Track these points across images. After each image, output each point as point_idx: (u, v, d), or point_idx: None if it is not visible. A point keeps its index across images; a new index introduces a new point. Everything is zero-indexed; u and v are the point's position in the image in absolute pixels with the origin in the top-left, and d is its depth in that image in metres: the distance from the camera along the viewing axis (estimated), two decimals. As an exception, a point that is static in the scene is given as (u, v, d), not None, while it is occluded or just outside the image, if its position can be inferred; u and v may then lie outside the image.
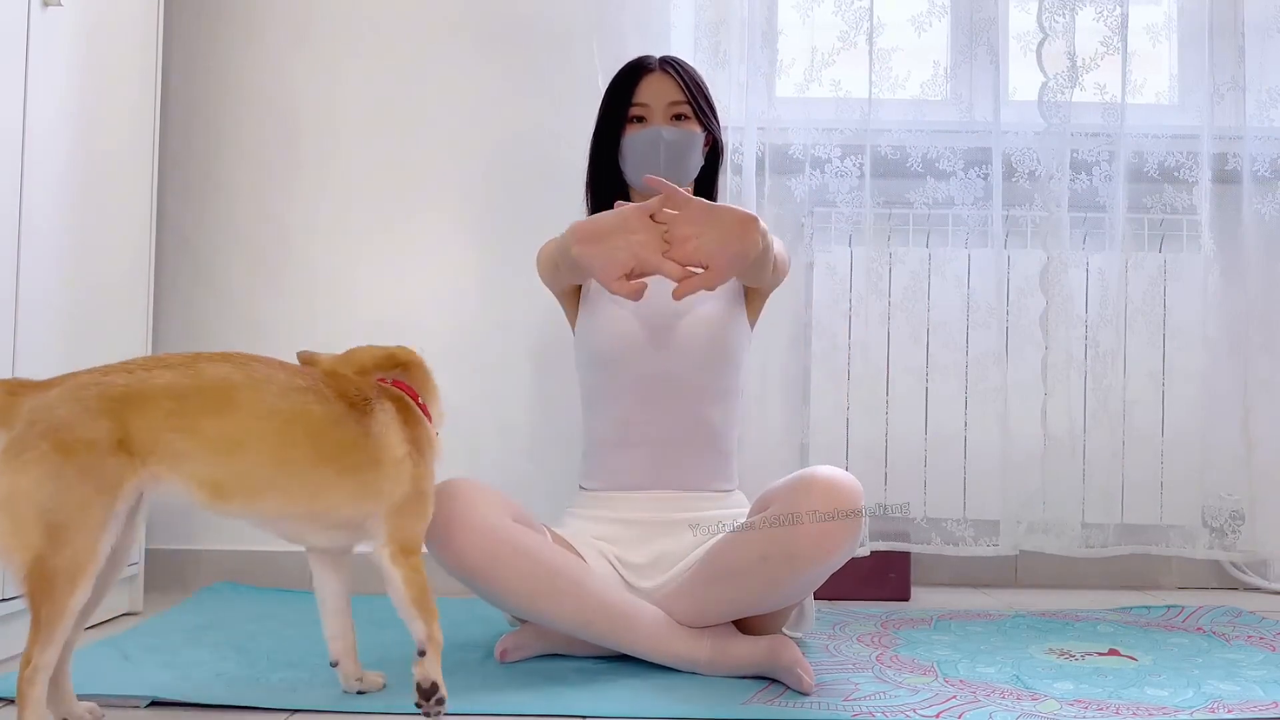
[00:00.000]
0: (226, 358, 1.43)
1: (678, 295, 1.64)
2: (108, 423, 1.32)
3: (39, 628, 1.29)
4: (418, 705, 1.50)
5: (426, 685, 1.50)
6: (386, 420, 1.50)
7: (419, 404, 1.58)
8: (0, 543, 1.28)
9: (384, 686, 1.66)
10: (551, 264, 1.95)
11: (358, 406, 1.47)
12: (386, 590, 1.51)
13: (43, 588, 1.27)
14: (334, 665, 1.64)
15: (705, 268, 1.63)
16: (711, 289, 1.65)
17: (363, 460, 1.46)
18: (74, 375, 1.38)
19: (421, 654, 1.50)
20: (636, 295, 1.65)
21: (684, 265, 1.63)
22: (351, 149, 2.67)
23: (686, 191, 1.65)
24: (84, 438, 1.30)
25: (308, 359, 1.59)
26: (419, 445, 1.53)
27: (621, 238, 1.63)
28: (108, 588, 1.43)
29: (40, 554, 1.27)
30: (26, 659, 1.29)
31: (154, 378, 1.37)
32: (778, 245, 1.90)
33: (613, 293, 1.66)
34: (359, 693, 1.64)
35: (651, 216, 1.64)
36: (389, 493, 1.48)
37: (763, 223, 1.67)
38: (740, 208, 1.66)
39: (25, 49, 1.85)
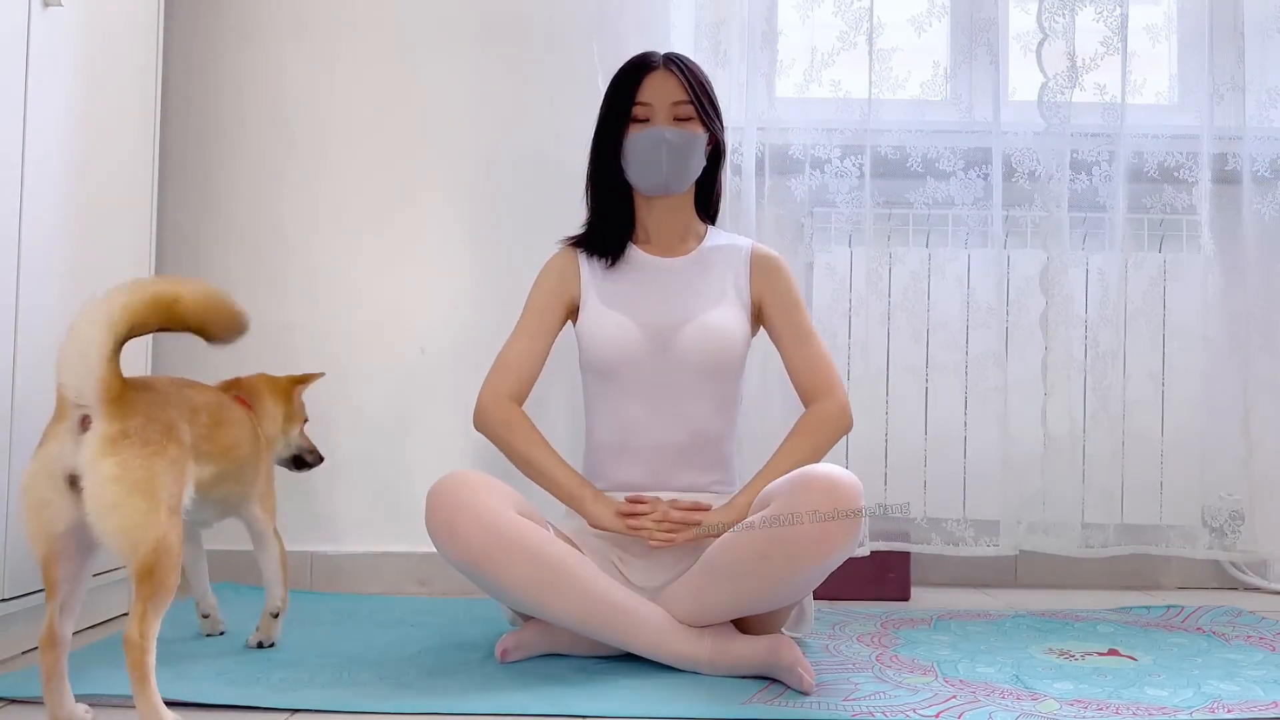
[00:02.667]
0: (187, 383, 1.76)
1: (654, 545, 1.87)
2: (189, 430, 1.58)
3: (153, 598, 1.41)
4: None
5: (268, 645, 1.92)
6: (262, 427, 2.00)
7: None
8: (136, 521, 1.40)
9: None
10: None
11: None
12: None
13: (167, 560, 1.42)
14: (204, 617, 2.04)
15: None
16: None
17: (258, 452, 1.95)
18: (157, 381, 1.65)
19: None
20: (638, 504, 1.91)
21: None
22: (351, 149, 2.67)
23: (653, 498, 1.92)
24: (181, 439, 1.52)
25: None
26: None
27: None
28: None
29: (166, 531, 1.42)
30: (140, 633, 1.39)
31: (190, 397, 1.68)
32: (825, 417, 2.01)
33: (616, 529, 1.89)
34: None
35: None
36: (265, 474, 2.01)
37: (738, 517, 1.84)
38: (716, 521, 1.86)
39: (26, 49, 1.85)
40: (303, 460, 2.12)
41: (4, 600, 1.82)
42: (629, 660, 1.81)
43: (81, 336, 1.39)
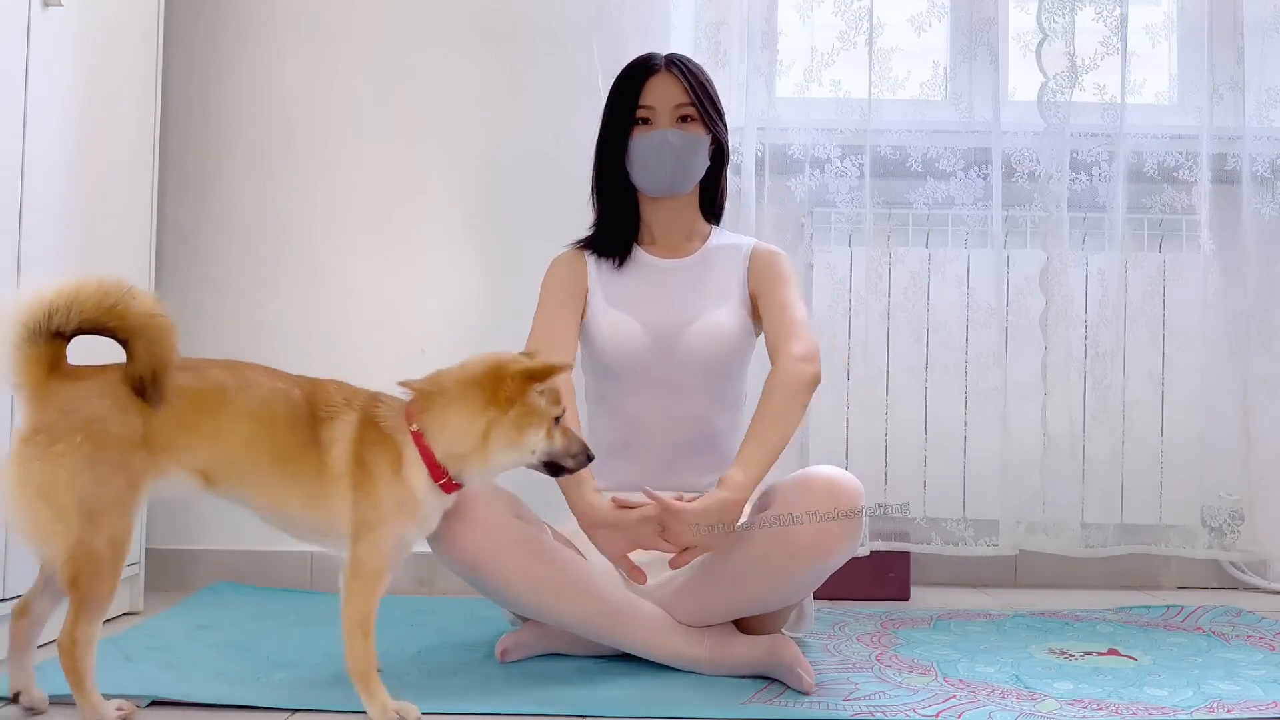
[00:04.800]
0: (229, 365, 1.50)
1: (674, 566, 1.73)
2: (134, 418, 1.39)
3: (82, 606, 1.35)
4: None
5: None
6: (340, 433, 1.48)
7: (427, 453, 1.49)
8: (41, 529, 1.34)
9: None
10: None
11: (319, 414, 1.48)
12: None
13: (88, 568, 1.33)
14: None
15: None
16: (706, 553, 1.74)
17: (309, 467, 1.47)
18: (105, 369, 1.42)
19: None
20: (640, 580, 1.75)
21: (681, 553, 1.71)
22: (351, 149, 2.67)
23: (669, 497, 1.71)
24: (116, 432, 1.37)
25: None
26: (368, 470, 1.47)
27: (623, 530, 1.72)
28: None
29: (80, 537, 1.33)
30: (72, 639, 1.35)
31: (171, 379, 1.42)
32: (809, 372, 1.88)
33: (615, 565, 1.77)
34: None
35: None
36: (335, 507, 1.48)
37: (746, 492, 1.72)
38: (723, 497, 1.69)
39: (26, 49, 1.85)
40: (559, 465, 1.59)
41: (4, 600, 1.82)
42: (629, 660, 1.81)
43: None
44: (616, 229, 2.04)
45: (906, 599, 2.54)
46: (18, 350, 1.35)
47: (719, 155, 2.05)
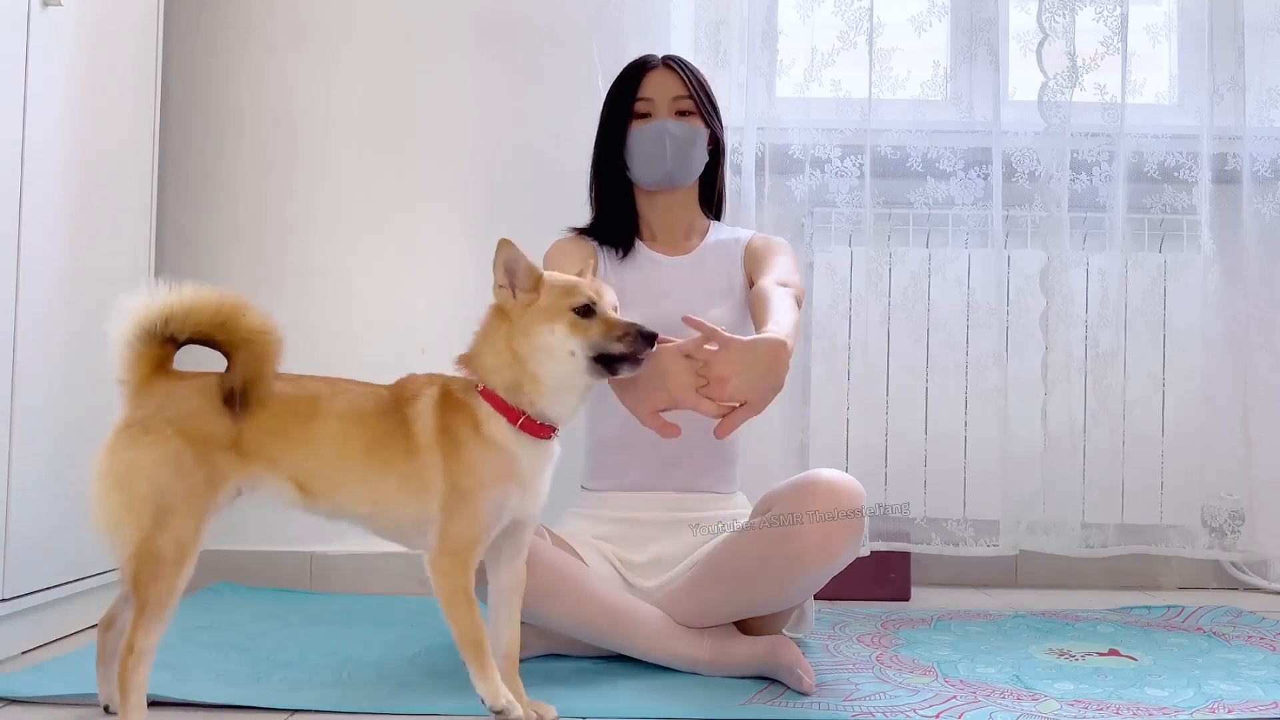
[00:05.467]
0: (327, 379, 1.50)
1: (720, 434, 1.56)
2: (229, 422, 1.40)
3: (144, 611, 1.33)
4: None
5: (489, 704, 1.43)
6: (422, 408, 1.46)
7: (497, 401, 1.45)
8: (113, 518, 1.33)
9: None
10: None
11: (401, 397, 1.47)
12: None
13: (149, 569, 1.32)
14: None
15: (742, 402, 1.55)
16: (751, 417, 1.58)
17: (399, 451, 1.44)
18: (206, 374, 1.43)
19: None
20: (672, 433, 1.57)
21: (721, 403, 1.55)
22: (350, 148, 2.67)
23: (714, 326, 1.54)
24: (206, 430, 1.38)
25: None
26: (453, 435, 1.44)
27: (658, 378, 1.54)
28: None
29: (147, 534, 1.32)
30: (129, 645, 1.33)
31: (268, 390, 1.43)
32: (795, 300, 1.81)
33: (646, 426, 1.58)
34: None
35: (686, 354, 1.55)
36: (429, 483, 1.43)
37: (790, 343, 1.59)
38: (772, 336, 1.56)
39: (25, 49, 1.85)
40: (611, 357, 1.47)
41: (4, 600, 1.82)
42: (629, 661, 1.81)
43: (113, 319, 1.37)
44: (616, 223, 2.04)
45: (907, 599, 2.54)
46: (129, 347, 1.38)
47: (716, 152, 2.06)
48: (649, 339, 1.44)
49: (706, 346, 1.53)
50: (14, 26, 1.83)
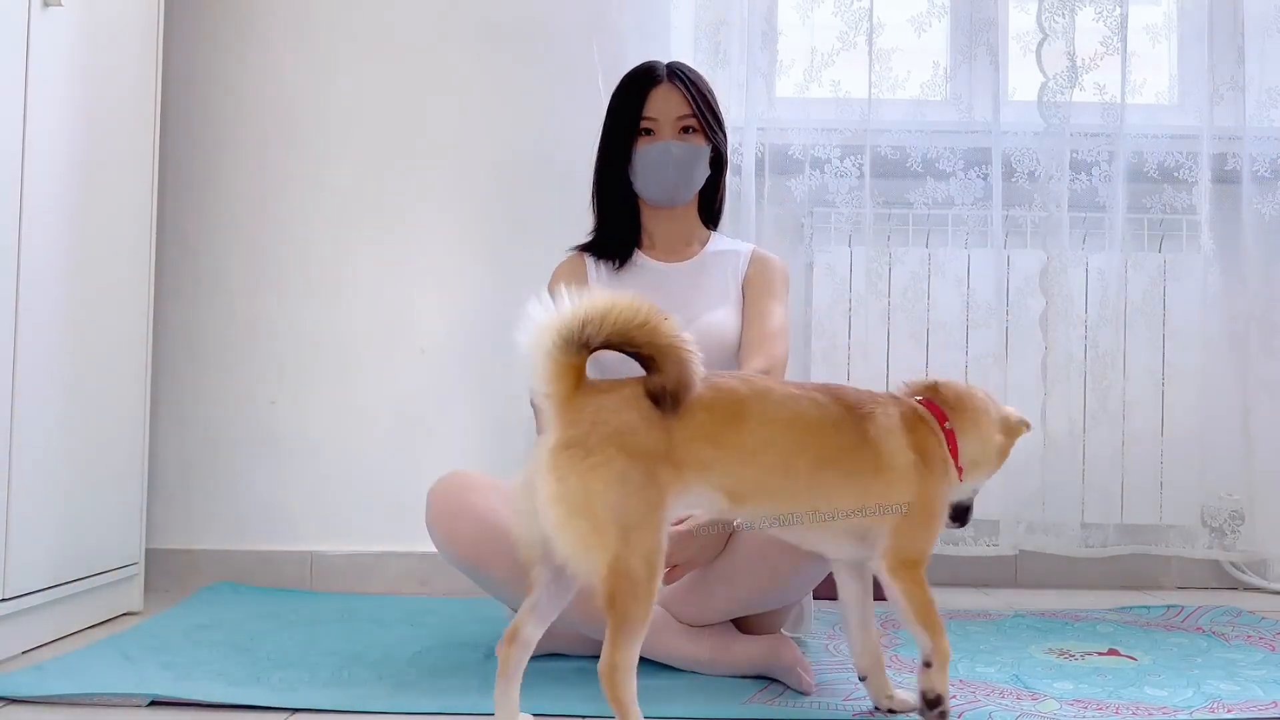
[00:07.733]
0: (734, 374, 1.49)
1: (668, 582, 1.74)
2: (660, 433, 1.36)
3: (622, 627, 1.31)
4: (920, 714, 1.50)
5: (931, 696, 1.49)
6: (887, 426, 1.49)
7: (944, 427, 1.54)
8: (581, 543, 1.30)
9: (915, 709, 1.54)
10: None
11: (856, 411, 1.48)
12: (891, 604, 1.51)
13: (625, 587, 1.30)
14: (862, 680, 1.60)
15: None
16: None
17: (863, 465, 1.47)
18: (624, 383, 1.39)
19: (927, 665, 1.49)
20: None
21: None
22: (351, 149, 2.67)
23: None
24: (645, 445, 1.34)
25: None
26: (927, 458, 1.50)
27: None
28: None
29: (618, 554, 1.30)
30: (613, 664, 1.32)
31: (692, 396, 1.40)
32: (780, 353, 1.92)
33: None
34: (889, 710, 1.57)
35: None
36: (890, 500, 1.48)
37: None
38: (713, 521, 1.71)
39: (25, 49, 1.85)
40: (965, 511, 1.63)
41: (4, 600, 1.82)
42: (629, 660, 1.81)
43: (532, 332, 1.33)
44: (618, 234, 2.05)
45: (906, 599, 2.54)
46: (549, 358, 1.34)
47: (718, 163, 2.07)
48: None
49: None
50: (14, 27, 1.83)
